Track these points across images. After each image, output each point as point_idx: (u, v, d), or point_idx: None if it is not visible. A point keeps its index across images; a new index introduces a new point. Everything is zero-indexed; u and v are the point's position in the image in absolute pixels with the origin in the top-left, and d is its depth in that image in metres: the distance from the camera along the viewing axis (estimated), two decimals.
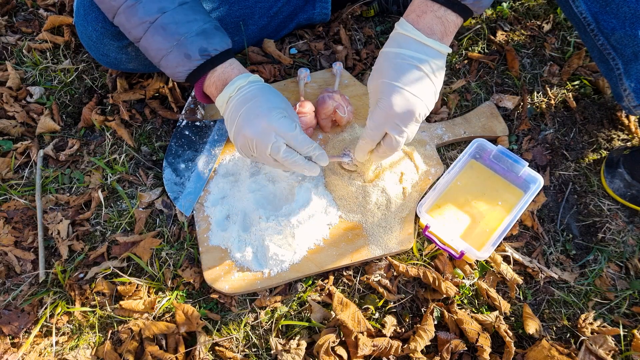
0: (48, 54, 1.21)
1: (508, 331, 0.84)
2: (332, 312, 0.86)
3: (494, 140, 1.03)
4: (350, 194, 0.92)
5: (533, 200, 0.95)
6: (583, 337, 0.84)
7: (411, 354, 0.81)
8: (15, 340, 0.87)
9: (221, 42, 0.83)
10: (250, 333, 0.87)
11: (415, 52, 0.71)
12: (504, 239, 0.94)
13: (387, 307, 0.88)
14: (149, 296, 0.90)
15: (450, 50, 0.74)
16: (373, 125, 0.76)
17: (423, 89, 0.72)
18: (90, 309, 0.89)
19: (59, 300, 0.90)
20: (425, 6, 0.71)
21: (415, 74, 0.71)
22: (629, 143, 1.04)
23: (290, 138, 0.77)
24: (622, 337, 0.85)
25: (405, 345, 0.82)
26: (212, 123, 1.03)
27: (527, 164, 0.91)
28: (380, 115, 0.74)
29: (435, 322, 0.85)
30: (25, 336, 0.87)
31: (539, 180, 0.90)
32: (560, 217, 0.97)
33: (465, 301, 0.89)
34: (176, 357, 0.82)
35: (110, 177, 1.02)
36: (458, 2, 0.71)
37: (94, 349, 0.87)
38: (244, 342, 0.87)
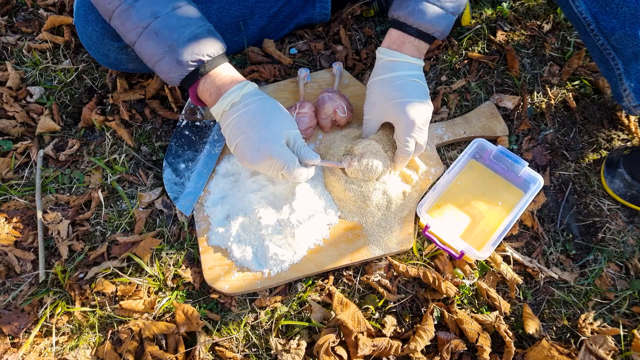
0: (48, 54, 1.21)
1: (508, 331, 0.84)
2: (332, 312, 0.86)
3: (494, 140, 1.03)
4: (349, 195, 0.92)
5: (533, 200, 0.95)
6: (583, 337, 0.84)
7: (411, 354, 0.81)
8: (15, 340, 0.87)
9: (213, 47, 0.81)
10: (250, 333, 0.87)
11: (408, 70, 0.88)
12: (504, 239, 0.94)
13: (387, 307, 0.88)
14: (149, 296, 0.90)
15: (423, 64, 0.92)
16: (405, 143, 0.88)
17: (424, 95, 0.88)
18: (90, 309, 0.89)
19: (59, 300, 0.90)
20: (404, 38, 0.88)
21: (415, 86, 0.87)
22: (629, 143, 1.04)
23: (288, 172, 0.81)
24: (622, 337, 0.85)
25: (405, 345, 0.82)
26: (212, 123, 1.03)
27: (527, 164, 0.91)
28: (406, 131, 0.86)
29: (435, 322, 0.85)
30: (25, 336, 0.87)
31: (539, 180, 0.90)
32: (560, 217, 0.97)
33: (465, 301, 0.89)
34: (176, 357, 0.82)
35: (110, 177, 1.02)
36: (428, 34, 0.87)
37: (94, 349, 0.87)
38: (244, 342, 0.87)
